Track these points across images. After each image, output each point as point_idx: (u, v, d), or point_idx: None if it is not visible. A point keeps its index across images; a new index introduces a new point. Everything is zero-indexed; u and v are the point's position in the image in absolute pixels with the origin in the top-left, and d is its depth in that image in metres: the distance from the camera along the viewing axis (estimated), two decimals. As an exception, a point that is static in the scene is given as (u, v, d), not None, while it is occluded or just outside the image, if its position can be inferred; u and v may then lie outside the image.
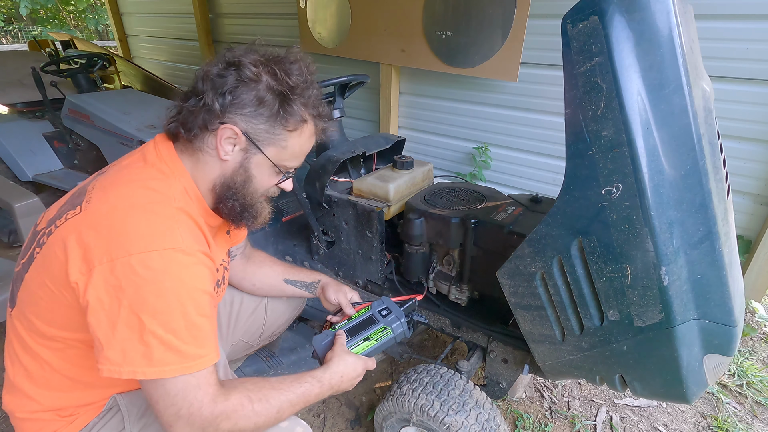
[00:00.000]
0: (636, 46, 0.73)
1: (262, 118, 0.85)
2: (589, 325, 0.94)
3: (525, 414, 1.69)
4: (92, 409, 0.93)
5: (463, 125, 2.96)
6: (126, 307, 0.72)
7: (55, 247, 0.78)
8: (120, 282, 0.72)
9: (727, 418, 1.69)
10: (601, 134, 0.76)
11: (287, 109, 0.85)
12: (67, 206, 0.83)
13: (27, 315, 0.85)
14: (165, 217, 0.79)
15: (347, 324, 1.13)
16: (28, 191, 2.12)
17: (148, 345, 0.73)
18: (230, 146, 0.86)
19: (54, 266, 0.78)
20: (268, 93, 0.83)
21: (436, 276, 1.43)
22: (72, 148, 2.85)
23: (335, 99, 1.65)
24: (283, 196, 1.96)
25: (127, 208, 0.77)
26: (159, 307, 0.73)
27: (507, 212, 1.28)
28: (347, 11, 3.10)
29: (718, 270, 0.81)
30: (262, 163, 0.89)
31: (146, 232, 0.75)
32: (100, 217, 0.76)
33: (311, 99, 0.89)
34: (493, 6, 2.39)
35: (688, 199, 0.77)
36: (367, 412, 1.69)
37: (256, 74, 0.83)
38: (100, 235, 0.74)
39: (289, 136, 0.88)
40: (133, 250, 0.72)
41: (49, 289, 0.80)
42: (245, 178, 0.90)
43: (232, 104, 0.83)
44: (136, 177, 0.84)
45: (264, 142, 0.87)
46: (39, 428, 0.90)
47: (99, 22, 11.50)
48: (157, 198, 0.81)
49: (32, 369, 0.88)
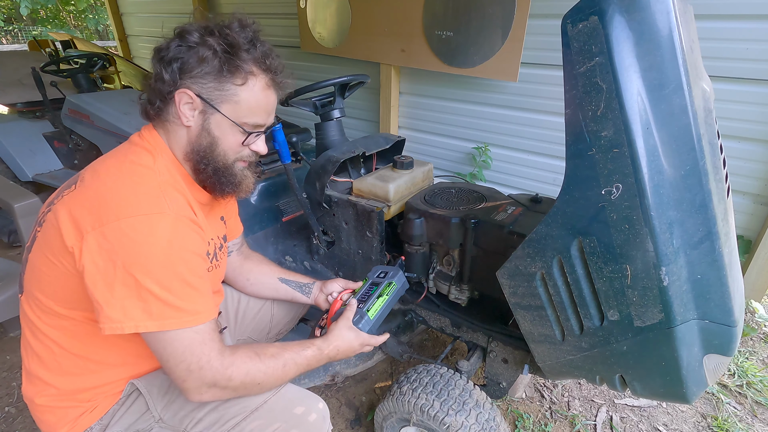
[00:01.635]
0: (636, 46, 0.73)
1: (210, 77, 0.87)
2: (589, 325, 0.94)
3: (525, 414, 1.69)
4: (110, 394, 0.97)
5: (463, 125, 2.96)
6: (120, 267, 0.76)
7: (52, 221, 0.84)
8: (112, 245, 0.76)
9: (727, 418, 1.69)
10: (601, 134, 0.76)
11: (231, 63, 0.87)
12: (63, 188, 0.89)
13: (34, 293, 0.89)
14: (151, 186, 0.84)
15: (355, 295, 1.20)
16: (28, 191, 2.12)
17: (146, 301, 0.77)
18: (190, 111, 0.89)
19: (51, 238, 0.83)
20: (208, 51, 0.86)
21: (436, 276, 1.43)
22: (72, 148, 2.85)
23: (335, 99, 1.65)
24: (283, 196, 1.96)
25: (115, 179, 0.83)
26: (151, 267, 0.77)
27: (507, 212, 1.28)
28: (347, 11, 3.10)
29: (718, 270, 0.81)
30: (221, 121, 0.91)
31: (133, 199, 0.79)
32: (90, 190, 0.82)
33: (257, 54, 0.90)
34: (493, 6, 2.39)
35: (688, 199, 0.77)
36: (367, 412, 1.69)
37: (198, 38, 0.86)
38: (90, 204, 0.80)
39: (240, 90, 0.89)
40: (122, 215, 0.77)
41: (49, 261, 0.84)
42: (210, 140, 0.92)
43: (180, 70, 0.86)
44: (122, 156, 0.90)
45: (217, 100, 0.89)
46: (60, 417, 0.93)
47: (99, 22, 11.51)
48: (142, 171, 0.86)
49: (43, 354, 0.91)
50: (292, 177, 1.43)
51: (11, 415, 1.69)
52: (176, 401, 0.97)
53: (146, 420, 0.96)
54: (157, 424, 0.97)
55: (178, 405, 0.97)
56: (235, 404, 0.96)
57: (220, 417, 0.95)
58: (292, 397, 1.00)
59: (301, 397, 1.02)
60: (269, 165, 1.98)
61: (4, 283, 1.93)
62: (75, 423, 0.94)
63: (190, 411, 0.96)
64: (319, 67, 3.70)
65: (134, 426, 0.96)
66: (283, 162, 1.40)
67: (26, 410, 1.71)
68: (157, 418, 0.96)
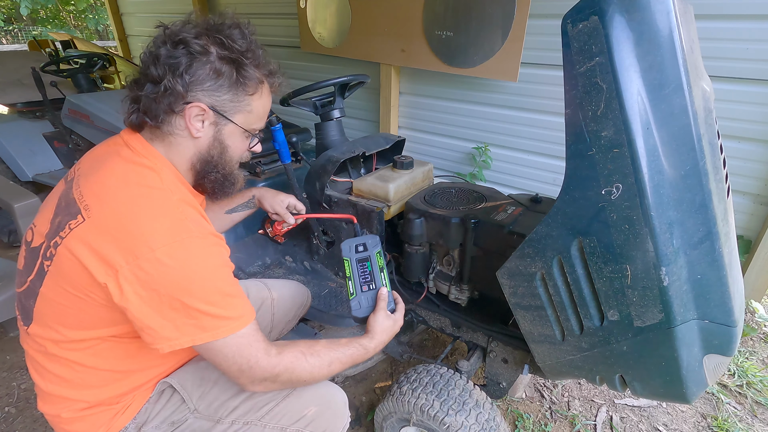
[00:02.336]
0: (636, 46, 0.73)
1: (224, 89, 0.87)
2: (589, 326, 0.94)
3: (525, 414, 1.69)
4: (140, 394, 0.98)
5: (463, 125, 2.96)
6: (165, 295, 0.78)
7: (67, 256, 0.80)
8: (152, 276, 0.77)
9: (727, 418, 1.69)
10: (601, 134, 0.76)
11: (243, 74, 0.88)
12: (64, 218, 0.83)
13: (51, 326, 0.87)
14: (170, 210, 0.83)
15: (357, 281, 1.14)
16: (28, 191, 2.12)
17: (196, 318, 0.80)
18: (200, 123, 0.89)
19: (73, 275, 0.80)
20: (222, 64, 0.86)
21: (436, 276, 1.43)
22: (72, 148, 2.85)
23: (335, 99, 1.65)
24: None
25: (134, 209, 0.80)
26: (194, 289, 0.79)
27: (507, 212, 1.28)
28: (347, 11, 3.10)
29: (718, 270, 0.81)
30: (233, 131, 0.93)
31: (160, 228, 0.79)
32: (108, 222, 0.79)
33: (260, 59, 0.91)
34: (493, 6, 2.39)
35: (688, 199, 0.77)
36: (367, 412, 1.69)
37: (203, 47, 0.84)
38: (115, 238, 0.77)
39: (252, 99, 0.92)
40: (155, 245, 0.77)
41: (73, 295, 0.82)
42: (221, 149, 0.93)
43: (191, 82, 0.85)
44: (124, 177, 0.85)
45: (231, 111, 0.90)
46: (93, 423, 0.93)
47: (99, 22, 11.50)
48: (156, 194, 0.83)
49: (65, 374, 0.90)
50: (292, 177, 1.43)
51: (11, 415, 1.69)
52: (211, 392, 1.00)
53: (181, 412, 0.99)
54: (192, 415, 0.99)
55: (213, 395, 1.00)
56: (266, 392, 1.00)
57: (254, 404, 1.01)
58: (318, 385, 1.07)
59: (327, 385, 1.10)
60: (269, 165, 1.98)
61: (4, 283, 1.93)
62: (110, 425, 0.94)
63: (224, 401, 1.00)
64: (319, 67, 3.70)
65: (169, 419, 0.99)
66: (283, 162, 1.40)
67: (26, 410, 1.71)
68: (192, 409, 0.99)
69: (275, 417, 1.02)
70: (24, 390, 1.81)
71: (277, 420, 1.03)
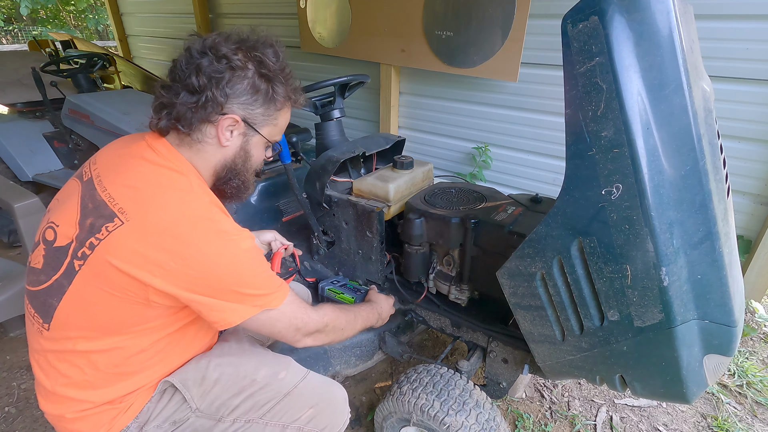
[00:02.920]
0: (636, 46, 0.73)
1: (258, 104, 0.94)
2: (589, 326, 0.94)
3: (525, 414, 1.69)
4: (142, 394, 0.98)
5: (463, 125, 2.96)
6: (216, 288, 0.86)
7: (106, 259, 0.82)
8: (203, 272, 0.84)
9: (727, 418, 1.69)
10: (601, 134, 0.76)
11: (275, 91, 0.95)
12: (96, 219, 0.84)
13: (76, 325, 0.88)
14: (205, 211, 0.88)
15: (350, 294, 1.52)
16: (28, 191, 2.12)
17: (249, 298, 0.91)
18: (230, 133, 0.94)
19: (111, 275, 0.82)
20: (261, 81, 0.92)
21: (436, 276, 1.43)
22: (72, 148, 2.85)
23: (335, 99, 1.65)
24: (284, 196, 1.96)
25: (174, 213, 0.84)
26: (241, 278, 0.88)
27: (507, 212, 1.28)
28: (347, 11, 3.10)
29: (718, 270, 0.81)
30: (259, 142, 1.00)
31: (203, 230, 0.85)
32: (151, 226, 0.82)
33: (289, 78, 0.98)
34: (493, 6, 2.39)
35: (688, 199, 0.77)
36: (367, 412, 1.69)
37: (243, 62, 0.90)
38: (161, 242, 0.81)
39: (279, 114, 0.99)
40: (201, 246, 0.83)
41: (109, 294, 0.84)
42: (245, 158, 1.00)
43: (230, 95, 0.90)
44: (159, 182, 0.87)
45: (260, 124, 0.97)
46: (95, 422, 0.94)
47: (99, 22, 11.50)
48: (191, 198, 0.88)
49: (72, 375, 0.91)
50: (292, 177, 1.43)
51: (11, 415, 1.69)
52: (212, 391, 1.01)
53: (183, 411, 1.00)
54: (194, 414, 1.00)
55: (214, 394, 1.01)
56: (268, 390, 1.04)
57: (255, 403, 1.03)
58: (318, 382, 1.12)
59: (327, 382, 1.14)
60: (269, 165, 1.98)
61: (4, 283, 1.93)
62: (111, 424, 0.95)
63: (225, 399, 1.01)
64: (319, 67, 3.70)
65: (171, 418, 0.99)
66: (283, 162, 1.40)
67: (26, 410, 1.71)
68: (194, 408, 1.00)
69: (276, 415, 1.04)
70: (24, 390, 1.80)
71: (278, 418, 1.04)
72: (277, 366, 1.09)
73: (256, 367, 1.06)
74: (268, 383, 1.05)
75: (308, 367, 1.23)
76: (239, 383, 1.03)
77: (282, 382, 1.06)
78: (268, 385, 1.04)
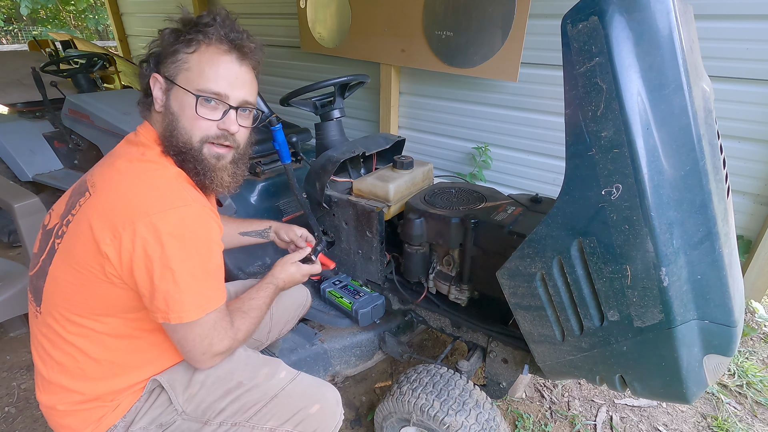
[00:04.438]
0: (636, 46, 0.72)
1: (167, 53, 0.91)
2: (589, 326, 0.94)
3: (525, 414, 1.69)
4: (132, 393, 0.98)
5: (463, 125, 2.96)
6: (157, 260, 0.81)
7: (77, 230, 0.84)
8: (147, 240, 0.80)
9: (727, 418, 1.69)
10: (601, 134, 0.76)
11: (185, 38, 0.90)
12: (75, 198, 0.89)
13: (58, 305, 0.89)
14: (168, 179, 0.87)
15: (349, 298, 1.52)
16: (28, 191, 2.12)
17: (186, 292, 0.84)
18: (159, 93, 0.92)
19: (78, 247, 0.84)
20: (172, 34, 0.91)
21: (436, 276, 1.43)
22: (72, 148, 2.85)
23: (335, 99, 1.65)
24: (284, 196, 1.96)
25: (134, 180, 0.85)
26: (184, 258, 0.82)
27: (507, 212, 1.28)
28: (347, 11, 3.10)
29: (718, 270, 0.81)
30: (177, 93, 0.91)
31: (157, 196, 0.83)
32: (111, 194, 0.83)
33: (213, 26, 0.91)
34: (493, 6, 2.39)
35: (688, 199, 0.77)
36: (367, 412, 1.69)
37: (171, 29, 0.92)
38: (116, 207, 0.81)
39: (190, 57, 0.90)
40: (151, 211, 0.80)
41: (76, 271, 0.85)
42: (171, 118, 0.91)
43: (155, 62, 0.93)
44: (126, 155, 0.91)
45: (173, 72, 0.91)
46: (84, 419, 0.94)
47: (99, 22, 11.50)
48: (154, 167, 0.88)
49: (66, 362, 0.91)
50: (292, 177, 1.43)
51: (11, 415, 1.69)
52: (198, 394, 0.99)
53: (169, 413, 0.98)
54: (180, 417, 0.99)
55: (200, 397, 0.99)
56: (255, 392, 1.02)
57: (241, 406, 1.01)
58: (308, 384, 1.09)
59: (317, 384, 1.11)
60: (269, 165, 1.98)
61: (4, 283, 1.93)
62: (98, 423, 0.94)
63: (212, 402, 0.99)
64: (319, 67, 3.69)
65: (157, 420, 0.98)
66: (283, 162, 1.40)
67: (26, 410, 1.71)
68: (180, 411, 0.98)
69: (263, 418, 1.02)
70: (24, 390, 1.81)
71: (265, 421, 1.02)
72: (265, 368, 1.06)
73: (243, 369, 1.03)
74: (255, 385, 1.02)
75: (309, 367, 1.23)
76: (225, 385, 1.00)
77: (269, 384, 1.04)
78: (255, 387, 1.02)
